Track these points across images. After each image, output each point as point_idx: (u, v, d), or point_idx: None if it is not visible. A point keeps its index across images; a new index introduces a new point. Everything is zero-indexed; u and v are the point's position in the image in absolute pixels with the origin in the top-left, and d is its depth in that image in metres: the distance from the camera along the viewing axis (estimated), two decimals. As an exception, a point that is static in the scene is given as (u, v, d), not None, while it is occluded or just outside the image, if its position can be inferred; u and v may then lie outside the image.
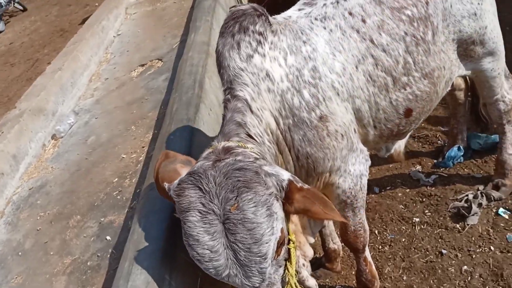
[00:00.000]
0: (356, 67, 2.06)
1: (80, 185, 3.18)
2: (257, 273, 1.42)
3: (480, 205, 2.87)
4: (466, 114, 3.30)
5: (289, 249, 1.58)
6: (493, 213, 2.85)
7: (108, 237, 2.61)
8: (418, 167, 3.39)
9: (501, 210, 2.82)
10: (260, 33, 1.92)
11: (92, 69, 4.78)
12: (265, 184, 1.46)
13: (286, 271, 1.58)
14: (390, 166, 3.48)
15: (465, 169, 3.23)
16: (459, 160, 3.27)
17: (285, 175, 1.53)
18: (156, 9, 5.79)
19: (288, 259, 1.59)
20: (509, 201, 2.87)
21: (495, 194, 2.89)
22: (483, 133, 3.33)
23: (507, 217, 2.79)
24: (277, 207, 1.47)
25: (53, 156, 3.65)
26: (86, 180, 3.20)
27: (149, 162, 2.69)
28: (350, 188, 2.16)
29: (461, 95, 3.19)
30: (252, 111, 1.82)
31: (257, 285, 1.44)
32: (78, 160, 3.47)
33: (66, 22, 8.10)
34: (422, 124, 3.75)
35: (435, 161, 3.38)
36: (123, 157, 3.22)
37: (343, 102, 2.04)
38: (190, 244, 1.43)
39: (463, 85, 3.16)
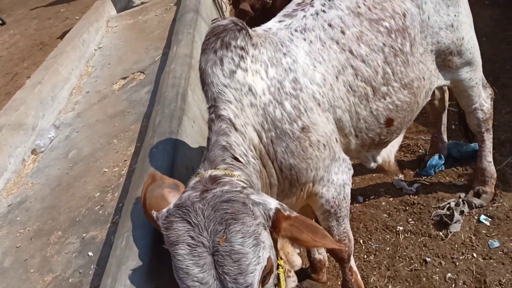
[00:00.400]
0: (337, 78, 2.08)
1: (61, 200, 3.11)
2: None
3: (462, 212, 2.91)
4: (447, 123, 3.36)
5: (278, 274, 1.58)
6: (475, 220, 2.89)
7: (90, 253, 2.56)
8: (401, 176, 3.43)
9: (482, 217, 2.87)
10: (242, 48, 1.92)
11: (73, 83, 4.72)
12: (253, 214, 1.47)
13: None
14: (374, 175, 3.51)
15: (447, 177, 3.28)
16: (440, 168, 3.32)
17: (273, 204, 1.54)
18: (137, 22, 5.77)
19: (277, 284, 1.59)
20: (490, 208, 2.92)
21: (476, 201, 2.94)
22: (471, 143, 3.38)
23: (488, 224, 2.83)
24: (265, 236, 1.48)
25: (33, 171, 3.58)
26: (67, 195, 3.14)
27: (132, 176, 2.65)
28: (333, 198, 2.17)
29: (440, 104, 3.25)
30: (236, 129, 1.82)
31: None
32: (59, 175, 3.41)
33: (45, 36, 8.01)
34: (404, 134, 3.80)
35: (417, 170, 3.42)
36: (105, 171, 3.17)
37: (324, 112, 2.05)
38: (180, 277, 1.43)
39: (442, 95, 3.22)
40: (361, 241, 3.03)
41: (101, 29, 5.76)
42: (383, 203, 3.26)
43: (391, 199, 3.27)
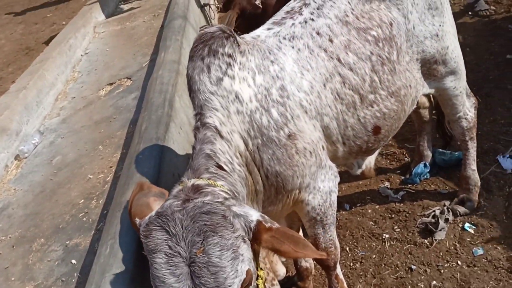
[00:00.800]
0: (324, 85, 2.10)
1: (44, 207, 3.06)
2: None
3: (447, 220, 2.94)
4: (432, 132, 3.39)
5: (257, 285, 1.57)
6: (459, 228, 2.91)
7: (73, 261, 2.52)
8: (387, 184, 3.45)
9: (467, 225, 2.89)
10: (229, 55, 1.93)
11: (58, 88, 4.67)
12: (232, 227, 1.46)
13: None
14: (360, 183, 3.53)
15: (432, 185, 3.31)
16: (425, 176, 3.35)
17: (254, 216, 1.53)
18: (125, 28, 5.74)
19: None
20: (474, 216, 2.95)
21: (460, 209, 2.97)
22: (446, 149, 3.43)
23: (472, 231, 2.86)
24: (244, 249, 1.47)
25: (16, 177, 3.52)
26: (50, 202, 3.09)
27: (117, 183, 2.63)
28: (319, 205, 2.17)
29: (426, 113, 3.29)
30: (222, 137, 1.82)
31: None
32: (42, 181, 3.36)
33: (32, 41, 7.92)
34: (390, 142, 3.84)
35: (402, 177, 3.45)
36: (90, 178, 3.13)
37: (311, 120, 2.06)
38: (156, 285, 1.42)
39: (427, 103, 3.26)
40: (347, 248, 3.04)
41: (88, 34, 5.72)
42: (369, 211, 3.27)
43: (377, 206, 3.29)
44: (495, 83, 4.01)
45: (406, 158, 3.63)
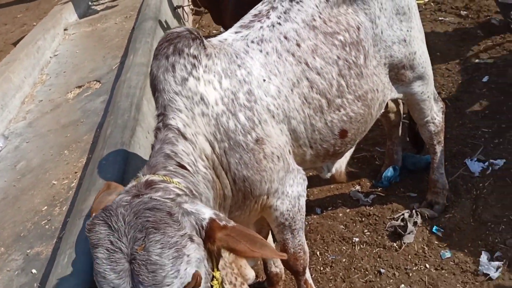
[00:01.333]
0: (292, 90, 2.08)
1: (6, 214, 2.95)
2: None
3: (415, 223, 2.95)
4: (401, 135, 3.42)
5: (212, 286, 1.53)
6: (427, 231, 2.93)
7: (34, 270, 2.42)
8: (358, 187, 3.45)
9: (435, 228, 2.91)
10: (195, 56, 1.90)
11: (25, 91, 4.53)
12: (178, 225, 1.41)
13: None
14: (331, 186, 3.52)
15: (401, 188, 3.33)
16: (395, 179, 3.36)
17: (207, 214, 1.49)
18: (96, 29, 5.63)
19: None
20: (442, 219, 2.97)
21: (429, 212, 2.99)
22: (419, 154, 3.46)
23: (440, 234, 2.88)
24: (191, 249, 1.42)
25: (-23, 184, 3.39)
26: (13, 209, 2.98)
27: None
28: (288, 210, 2.15)
29: (395, 117, 3.31)
30: (186, 138, 1.78)
31: None
32: (5, 187, 3.24)
33: (0, 42, 7.70)
34: (361, 145, 3.85)
35: (373, 181, 3.46)
36: (54, 184, 3.04)
37: (278, 124, 2.05)
38: (98, 280, 1.38)
39: (396, 108, 3.28)
40: (318, 253, 3.02)
41: (58, 36, 5.58)
42: (340, 215, 3.27)
43: (348, 210, 3.29)
44: (464, 88, 4.07)
45: (377, 162, 3.64)
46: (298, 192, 2.17)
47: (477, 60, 4.36)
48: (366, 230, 3.08)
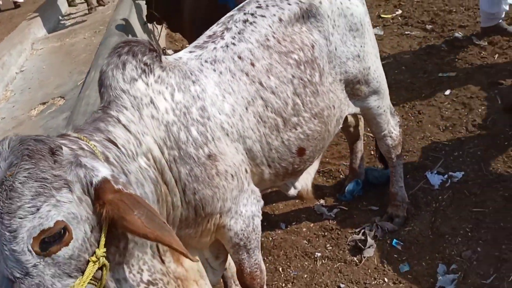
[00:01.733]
0: (246, 109, 2.09)
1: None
2: (12, 259, 1.30)
3: (375, 237, 2.97)
4: (363, 149, 3.45)
5: (100, 268, 1.44)
6: (387, 245, 2.95)
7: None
8: (322, 201, 3.46)
9: (394, 241, 2.93)
10: (147, 64, 1.91)
11: (-12, 108, 4.47)
12: (56, 164, 1.36)
13: None
14: (297, 201, 3.52)
15: (364, 202, 3.35)
16: (358, 193, 3.38)
17: (103, 172, 1.43)
18: (64, 44, 5.60)
19: (97, 282, 1.45)
20: (402, 232, 2.99)
21: (388, 226, 3.01)
22: (386, 169, 3.48)
23: (400, 248, 2.90)
24: (65, 197, 1.35)
25: None
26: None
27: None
28: (242, 230, 2.14)
29: (356, 131, 3.34)
30: (128, 131, 1.76)
31: (17, 275, 1.31)
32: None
33: (-31, 57, 7.57)
34: (327, 159, 3.88)
35: (337, 195, 3.47)
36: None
37: (233, 142, 2.05)
38: None
39: (357, 122, 3.31)
40: (280, 269, 3.01)
41: (25, 51, 5.53)
42: (304, 229, 3.27)
43: (311, 225, 3.29)
44: (427, 101, 4.14)
45: (341, 175, 3.66)
46: (252, 212, 2.16)
47: (440, 74, 4.45)
48: (328, 245, 3.08)
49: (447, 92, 4.15)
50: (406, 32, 5.44)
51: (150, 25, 5.68)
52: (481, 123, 3.65)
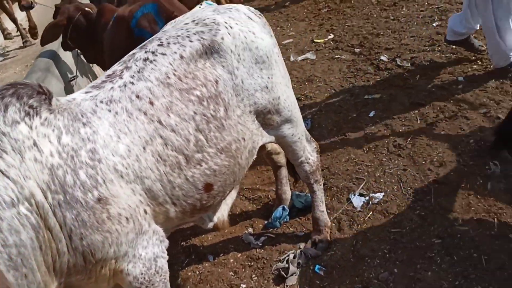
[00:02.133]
0: (144, 148, 2.07)
1: None
2: None
3: (299, 264, 2.97)
4: (287, 175, 3.48)
5: None
6: (310, 271, 2.95)
7: None
8: (250, 230, 3.45)
9: (317, 267, 2.94)
10: (32, 107, 1.88)
11: None
12: None
13: None
14: (226, 231, 3.49)
15: (290, 228, 3.36)
16: (285, 219, 3.40)
17: None
18: (-8, 80, 5.41)
19: None
20: (325, 257, 3.01)
21: (312, 251, 3.02)
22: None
23: (322, 273, 2.91)
24: None
25: None
26: None
27: None
28: (142, 274, 2.08)
29: (279, 158, 3.38)
30: (7, 176, 1.70)
31: None
32: None
33: None
34: (257, 186, 3.89)
35: (265, 222, 3.47)
36: None
37: (129, 184, 2.01)
38: None
39: (279, 149, 3.35)
40: (205, 304, 2.95)
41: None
42: (231, 260, 3.23)
43: (239, 255, 3.26)
44: (353, 123, 4.25)
45: (270, 202, 3.67)
46: (154, 253, 2.12)
47: (366, 96, 4.59)
48: (254, 275, 3.05)
49: (372, 113, 4.28)
50: (337, 56, 5.61)
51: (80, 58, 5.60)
52: (401, 143, 3.77)
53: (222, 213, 2.84)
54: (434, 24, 5.57)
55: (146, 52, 2.28)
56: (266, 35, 2.61)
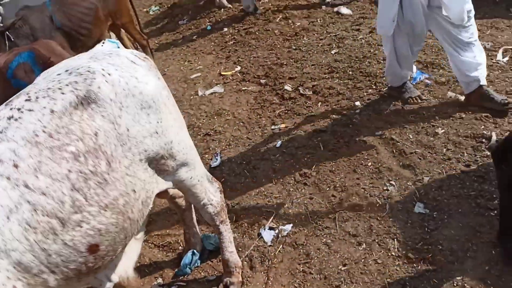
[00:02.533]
0: (8, 218, 1.86)
1: None
2: None
3: (210, 311, 2.85)
4: (195, 217, 3.38)
5: None
6: (224, 317, 2.85)
7: None
8: (160, 280, 3.27)
9: (230, 311, 2.84)
10: None
11: None
12: None
13: None
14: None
15: (202, 273, 3.24)
16: (196, 264, 3.27)
17: None
18: None
19: None
20: (238, 300, 2.92)
21: (223, 295, 2.93)
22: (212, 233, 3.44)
23: (235, 318, 2.82)
24: None
25: None
26: None
27: None
28: None
29: (183, 201, 3.27)
30: None
31: None
32: None
33: None
34: (166, 231, 3.73)
35: (175, 270, 3.32)
36: None
37: None
38: None
39: (181, 193, 3.24)
40: None
41: None
42: (141, 317, 3.03)
43: (149, 309, 3.07)
44: (261, 155, 4.27)
45: (181, 247, 3.53)
46: None
47: (272, 127, 4.66)
48: (164, 330, 2.88)
49: (278, 144, 4.34)
50: (244, 88, 5.67)
51: None
52: (307, 171, 3.84)
53: (125, 269, 2.64)
54: (332, 52, 5.85)
55: (11, 109, 2.08)
56: (152, 78, 2.51)
